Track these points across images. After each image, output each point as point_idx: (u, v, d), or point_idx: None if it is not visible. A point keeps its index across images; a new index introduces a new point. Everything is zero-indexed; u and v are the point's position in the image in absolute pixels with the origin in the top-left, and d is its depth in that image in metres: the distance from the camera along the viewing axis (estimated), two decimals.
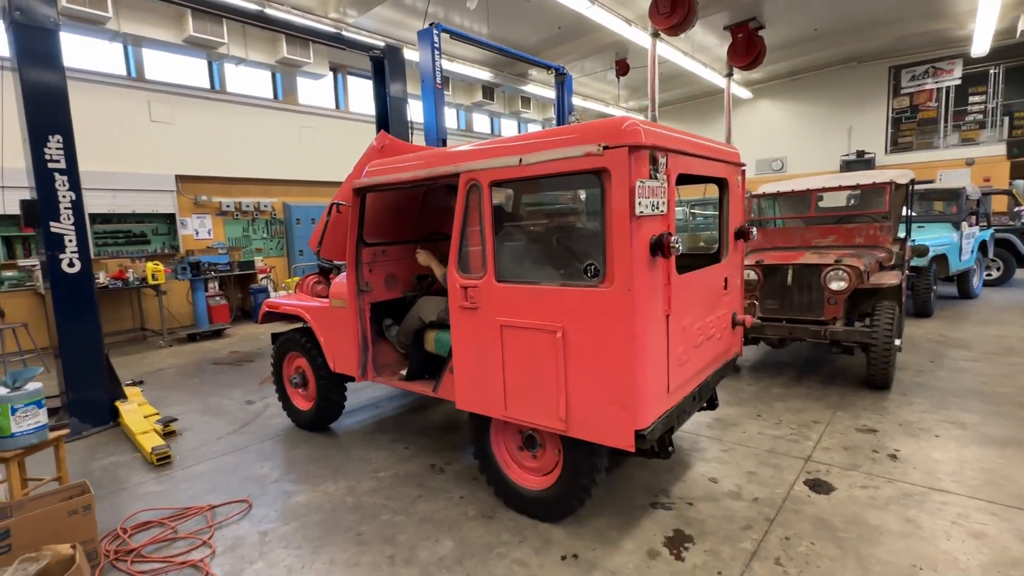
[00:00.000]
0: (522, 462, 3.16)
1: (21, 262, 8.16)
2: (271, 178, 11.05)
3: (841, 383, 5.00)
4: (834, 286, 4.66)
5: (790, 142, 16.41)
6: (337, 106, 12.65)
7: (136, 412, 4.68)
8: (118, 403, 4.79)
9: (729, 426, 4.14)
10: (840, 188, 5.78)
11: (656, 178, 2.53)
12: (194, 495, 3.44)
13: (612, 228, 2.48)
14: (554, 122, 13.36)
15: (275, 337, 4.70)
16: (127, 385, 5.34)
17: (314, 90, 12.18)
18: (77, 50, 8.61)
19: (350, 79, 12.84)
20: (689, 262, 3.52)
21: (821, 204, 7.29)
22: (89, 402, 4.63)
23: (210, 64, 10.45)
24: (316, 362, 4.32)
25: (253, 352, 7.43)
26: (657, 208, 2.53)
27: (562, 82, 10.65)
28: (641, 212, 2.44)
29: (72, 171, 4.47)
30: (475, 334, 3.03)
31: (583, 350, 2.63)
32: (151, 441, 4.11)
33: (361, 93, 13.08)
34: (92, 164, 8.16)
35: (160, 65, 9.81)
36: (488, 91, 14.55)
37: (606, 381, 2.57)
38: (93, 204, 8.37)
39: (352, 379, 4.10)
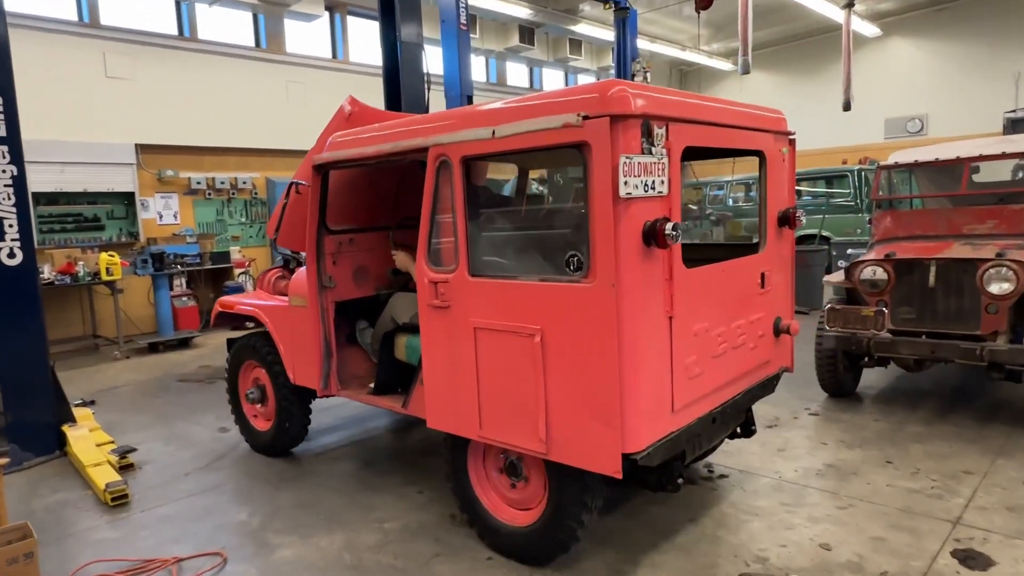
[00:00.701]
0: (504, 493, 3.31)
1: None
2: (251, 147, 11.38)
3: (1005, 420, 4.82)
4: (995, 289, 4.49)
5: (932, 95, 15.85)
6: (334, 55, 12.92)
7: (87, 439, 4.90)
8: (65, 427, 5.02)
9: (847, 475, 4.04)
10: (1004, 156, 5.55)
11: (651, 153, 2.60)
12: (156, 544, 3.57)
13: (594, 212, 2.57)
14: (612, 72, 13.30)
15: (230, 344, 4.88)
16: (76, 406, 5.59)
17: (305, 36, 12.47)
18: None
19: (350, 21, 13.09)
20: (726, 253, 3.46)
21: (976, 178, 7.00)
22: (31, 425, 4.87)
23: (178, 5, 10.83)
24: (275, 373, 4.51)
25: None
26: (652, 188, 2.60)
27: (624, 19, 10.61)
28: (629, 193, 2.50)
29: (13, 140, 4.71)
30: (447, 338, 3.17)
31: (564, 357, 2.74)
32: (105, 476, 4.29)
33: (364, 38, 13.31)
34: (34, 132, 8.57)
35: (118, 7, 10.22)
36: (527, 33, 14.58)
37: (589, 395, 2.67)
38: (36, 181, 8.78)
39: (314, 396, 4.31)
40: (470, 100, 8.13)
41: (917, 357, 4.81)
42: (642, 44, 15.08)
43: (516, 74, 16.69)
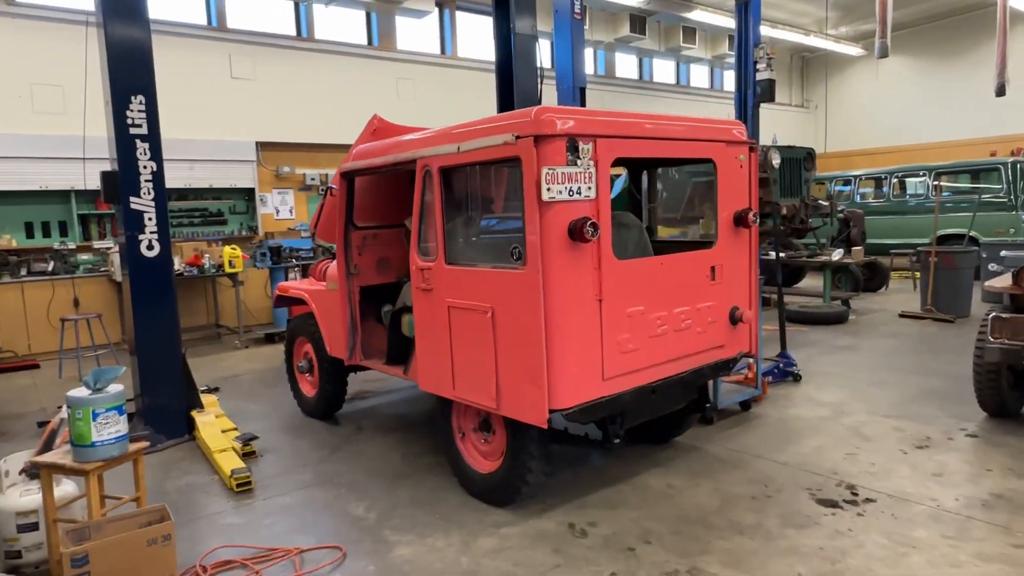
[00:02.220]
0: (477, 445, 4.02)
1: (96, 244, 9.44)
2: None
3: None
4: None
5: None
6: (443, 51, 13.12)
7: (214, 425, 5.17)
8: (194, 413, 5.32)
9: (1020, 508, 3.60)
10: None
11: (576, 164, 3.24)
12: (279, 533, 3.69)
13: (526, 212, 3.23)
14: (732, 60, 12.73)
15: (289, 324, 5.82)
16: (202, 392, 5.92)
17: (415, 32, 12.74)
18: None
19: (459, 16, 13.25)
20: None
21: None
22: (165, 410, 5.20)
23: (297, 6, 11.34)
24: (318, 347, 5.39)
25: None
26: (576, 193, 3.25)
27: (745, 3, 10.09)
28: (552, 197, 3.15)
29: (154, 137, 5.03)
30: (430, 315, 3.92)
31: (508, 330, 3.42)
32: (230, 462, 4.50)
33: (472, 33, 13.45)
34: (168, 131, 9.19)
35: (243, 11, 10.83)
36: (638, 22, 14.24)
37: (525, 360, 3.33)
38: (168, 177, 9.38)
39: (355, 369, 5.19)
40: (583, 92, 7.99)
41: None
42: (763, 30, 14.35)
43: (625, 65, 16.36)
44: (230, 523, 3.85)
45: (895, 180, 12.78)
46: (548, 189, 3.13)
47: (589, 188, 3.30)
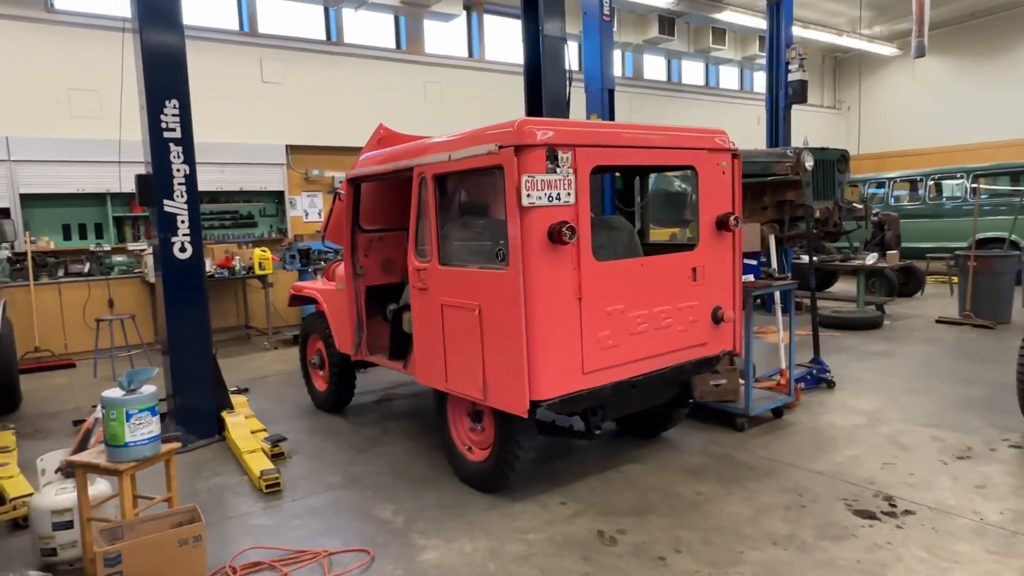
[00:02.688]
0: (469, 435, 4.27)
1: (131, 246, 9.62)
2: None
3: None
4: None
5: None
6: (471, 54, 13.15)
7: (243, 426, 5.22)
8: (224, 413, 5.38)
9: None
10: None
11: (556, 172, 3.46)
12: (307, 536, 3.70)
13: (508, 216, 3.48)
14: (763, 62, 12.56)
15: (303, 321, 6.26)
16: (232, 393, 5.98)
17: (443, 36, 12.78)
18: (190, 4, 9.92)
19: (487, 19, 13.27)
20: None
21: None
22: (196, 410, 5.25)
23: (327, 11, 11.45)
24: (328, 343, 5.72)
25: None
26: (556, 199, 3.47)
27: (777, 4, 9.98)
28: (531, 203, 3.39)
29: (187, 141, 5.10)
30: (426, 313, 4.21)
31: (493, 325, 3.66)
32: (259, 463, 4.53)
33: (500, 36, 13.45)
34: (200, 134, 9.35)
35: (274, 16, 10.97)
36: (667, 23, 14.13)
37: (507, 353, 3.57)
38: (200, 180, 9.55)
39: (362, 365, 5.46)
40: (611, 95, 7.95)
41: None
42: (795, 30, 14.17)
43: (653, 67, 16.24)
44: (259, 524, 3.88)
45: (931, 182, 12.48)
46: (528, 195, 3.38)
47: (568, 194, 3.53)
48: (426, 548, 3.50)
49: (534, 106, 7.52)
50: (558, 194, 3.48)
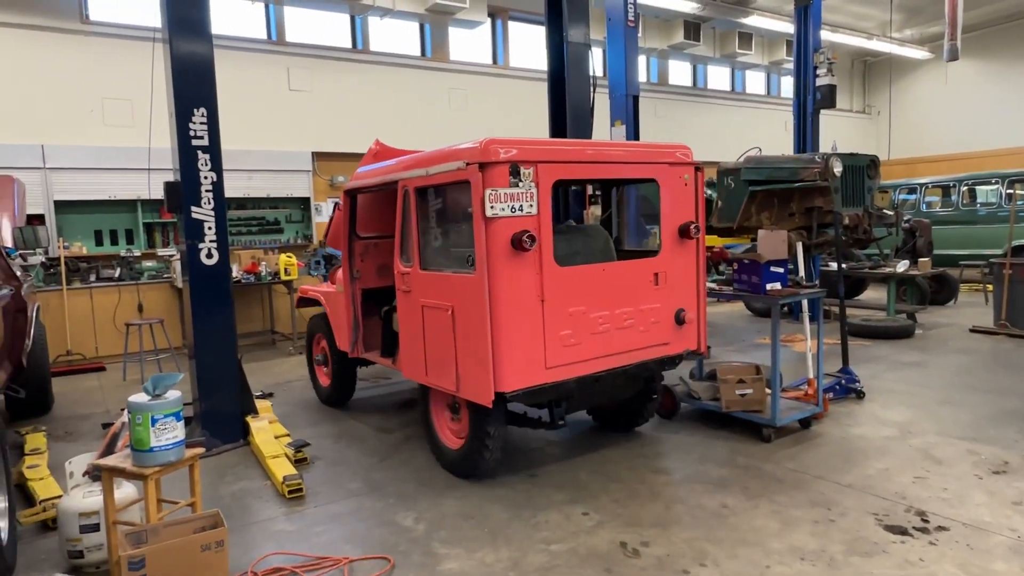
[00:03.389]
0: (449, 425, 4.65)
1: (160, 251, 9.78)
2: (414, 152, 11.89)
3: None
4: None
5: None
6: (495, 61, 13.18)
7: (267, 431, 5.25)
8: (249, 418, 5.42)
9: None
10: None
11: (518, 186, 3.82)
12: (329, 542, 3.70)
13: (475, 226, 3.83)
14: (790, 66, 12.41)
15: (309, 322, 6.67)
16: (257, 397, 6.03)
17: (467, 43, 12.83)
18: (218, 14, 10.09)
19: (511, 26, 13.30)
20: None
21: None
22: (221, 414, 5.30)
23: (353, 20, 11.57)
24: (332, 342, 6.10)
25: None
26: (519, 210, 3.83)
27: (805, 7, 9.86)
28: (495, 214, 3.74)
29: (214, 149, 5.17)
30: (410, 312, 4.64)
31: (464, 324, 4.04)
32: (283, 469, 4.56)
33: (524, 43, 13.47)
34: (227, 142, 9.49)
35: (301, 25, 11.11)
36: (692, 29, 14.03)
37: (477, 349, 3.93)
38: (228, 187, 9.69)
39: (361, 362, 5.97)
40: (636, 101, 7.90)
41: None
42: (823, 34, 14.00)
43: (679, 72, 16.14)
44: (281, 530, 3.89)
45: (965, 188, 12.20)
46: (491, 207, 3.74)
47: (531, 205, 3.89)
48: (447, 557, 3.48)
49: (558, 113, 7.51)
50: (520, 206, 3.84)
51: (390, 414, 6.14)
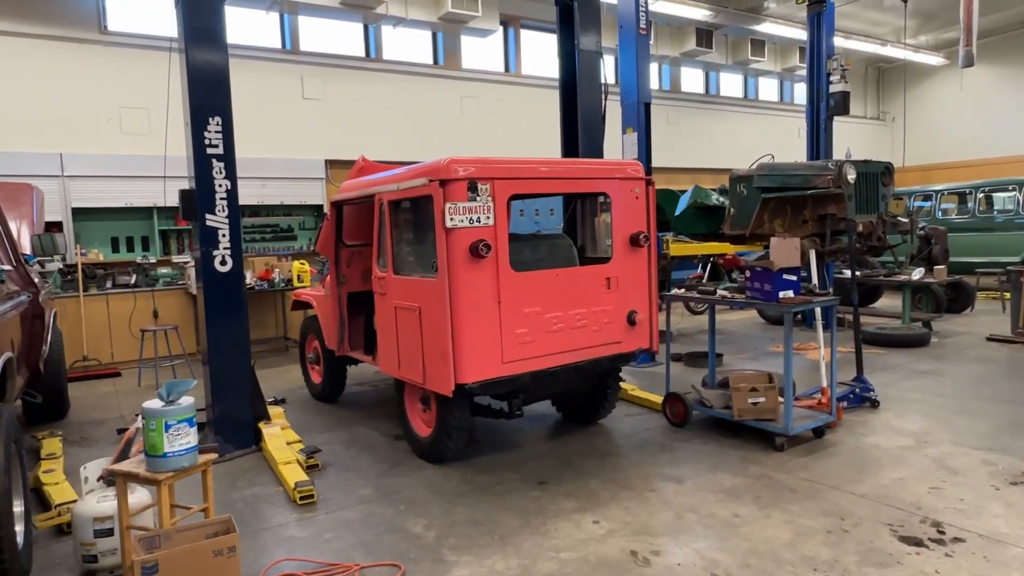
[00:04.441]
0: (420, 415, 5.09)
1: (175, 258, 9.88)
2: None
3: None
4: None
5: None
6: (507, 69, 13.24)
7: (279, 437, 5.28)
8: (261, 424, 5.45)
9: None
10: None
11: (476, 200, 4.24)
12: (339, 549, 3.71)
13: (437, 235, 4.28)
14: (803, 73, 12.36)
15: (302, 323, 7.24)
16: (269, 404, 6.06)
17: (480, 51, 12.90)
18: (234, 23, 10.22)
19: (523, 34, 13.36)
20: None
21: None
22: (234, 420, 5.34)
23: (366, 28, 11.67)
24: (322, 341, 6.54)
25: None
26: (476, 222, 4.26)
27: (818, 14, 9.82)
28: (454, 225, 4.18)
29: (229, 157, 5.21)
30: (385, 313, 5.09)
31: (429, 323, 4.47)
32: (294, 475, 4.58)
33: (536, 51, 13.52)
34: (242, 150, 9.59)
35: (315, 34, 11.21)
36: (704, 36, 14.02)
37: (439, 345, 4.36)
38: (242, 195, 9.79)
39: (352, 362, 6.47)
40: (647, 108, 7.90)
41: None
42: (836, 41, 13.95)
43: (691, 79, 16.12)
44: (292, 536, 3.91)
45: (981, 195, 12.08)
46: (451, 219, 4.17)
47: (488, 217, 4.30)
48: (457, 564, 3.48)
49: (570, 120, 7.51)
50: (478, 217, 4.26)
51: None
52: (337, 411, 6.55)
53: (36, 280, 5.91)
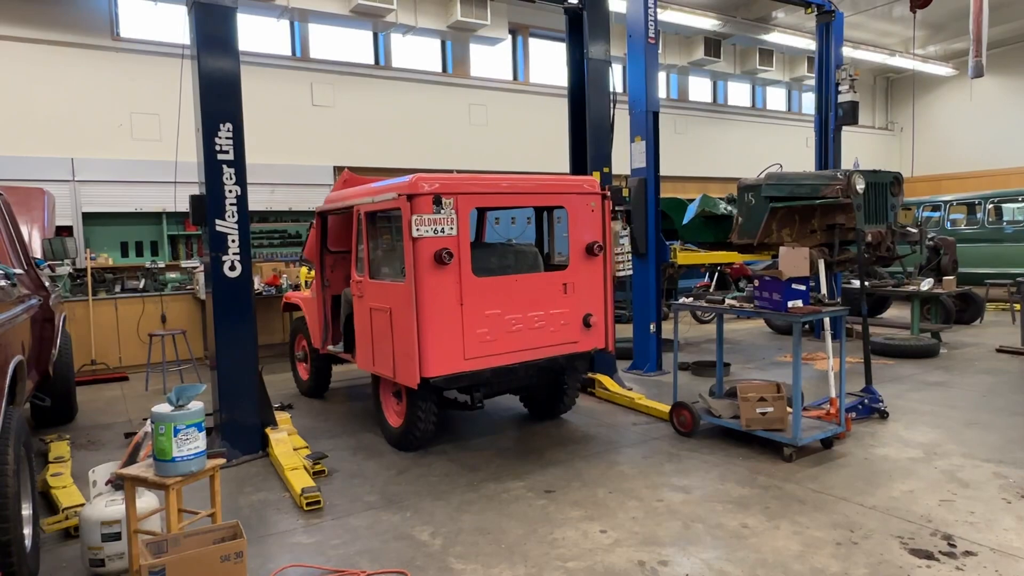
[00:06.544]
0: (394, 408, 5.51)
1: (184, 263, 9.92)
2: (435, 167, 11.97)
3: None
4: None
5: None
6: (515, 77, 13.28)
7: (286, 443, 5.28)
8: (268, 430, 5.45)
9: None
10: None
11: (440, 212, 4.67)
12: (345, 555, 3.70)
13: (405, 244, 4.71)
14: (811, 82, 12.35)
15: (292, 324, 7.78)
16: (277, 409, 6.07)
17: (488, 59, 12.95)
18: (245, 30, 10.29)
19: (532, 43, 13.41)
20: None
21: None
22: (241, 426, 5.34)
23: (375, 36, 11.73)
24: (309, 341, 7.07)
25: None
26: (441, 232, 4.69)
27: (826, 24, 9.83)
28: (420, 235, 4.61)
29: (239, 163, 5.25)
30: (362, 314, 5.53)
31: (399, 323, 4.89)
32: (301, 481, 4.57)
33: (544, 60, 13.57)
34: (251, 156, 9.65)
35: (325, 42, 11.29)
36: (713, 45, 14.04)
37: (407, 343, 4.78)
38: (251, 201, 9.85)
39: (337, 361, 6.99)
40: (656, 117, 7.91)
41: None
42: (845, 51, 13.96)
43: (699, 89, 16.14)
44: (299, 542, 3.90)
45: (990, 206, 12.03)
46: (417, 229, 4.60)
47: (451, 228, 4.73)
48: (463, 573, 3.47)
49: (578, 129, 7.53)
50: (443, 228, 4.69)
51: None
52: (343, 417, 6.55)
53: (46, 284, 5.94)
